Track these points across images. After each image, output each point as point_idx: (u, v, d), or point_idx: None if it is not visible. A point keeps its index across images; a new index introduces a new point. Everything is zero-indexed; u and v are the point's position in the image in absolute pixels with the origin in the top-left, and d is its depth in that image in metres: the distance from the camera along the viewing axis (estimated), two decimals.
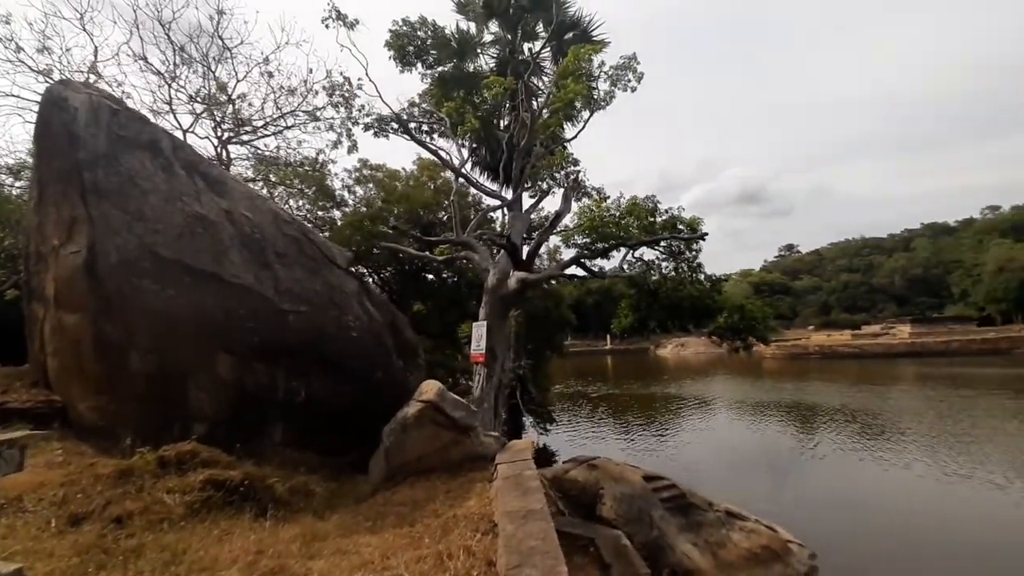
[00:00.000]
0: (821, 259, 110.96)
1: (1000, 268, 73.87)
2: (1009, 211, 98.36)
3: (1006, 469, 12.82)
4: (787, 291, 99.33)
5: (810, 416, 21.26)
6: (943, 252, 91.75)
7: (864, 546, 9.63)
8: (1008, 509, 10.63)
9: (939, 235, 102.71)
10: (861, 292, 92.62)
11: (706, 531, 8.79)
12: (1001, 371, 34.68)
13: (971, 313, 75.39)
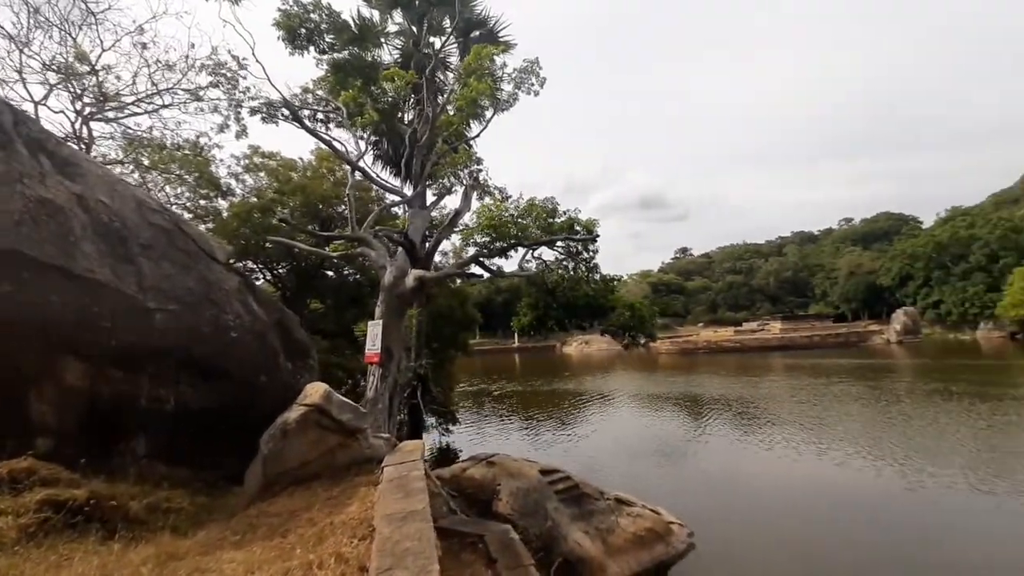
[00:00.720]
0: (711, 261, 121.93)
1: (851, 272, 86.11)
2: (859, 223, 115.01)
3: (846, 447, 14.97)
4: (681, 291, 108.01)
5: (696, 406, 23.28)
6: (808, 257, 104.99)
7: (734, 519, 10.74)
8: (843, 479, 12.43)
9: (805, 242, 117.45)
10: (743, 292, 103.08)
11: (597, 519, 9.30)
12: (850, 361, 40.47)
13: (829, 311, 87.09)
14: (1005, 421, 16.95)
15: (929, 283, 72.95)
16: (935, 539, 9.38)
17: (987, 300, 63.48)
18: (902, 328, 62.17)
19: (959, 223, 77.36)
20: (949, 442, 14.88)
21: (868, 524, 10.08)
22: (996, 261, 66.27)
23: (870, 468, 12.98)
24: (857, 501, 11.22)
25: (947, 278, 70.52)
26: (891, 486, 11.80)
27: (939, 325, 70.30)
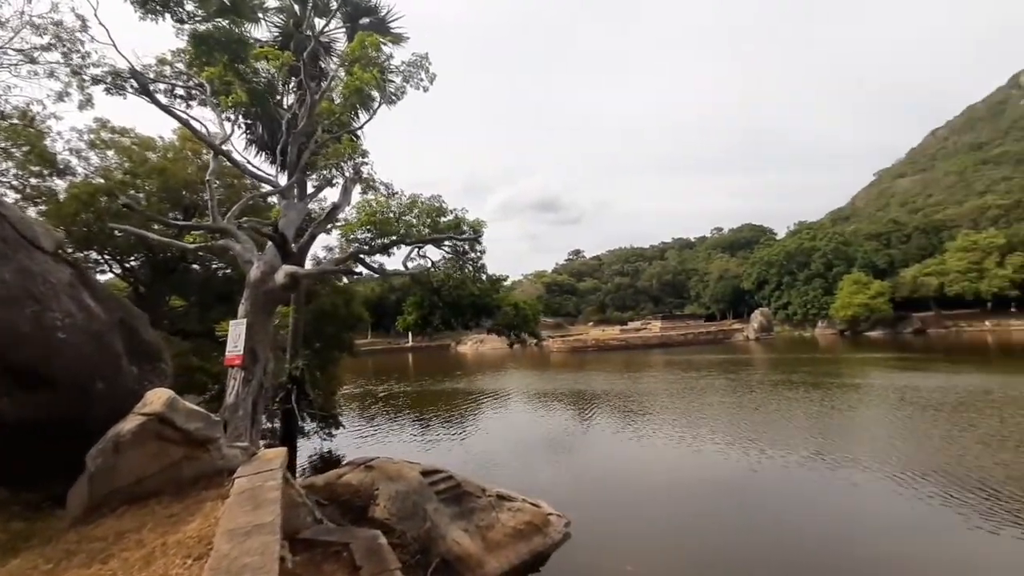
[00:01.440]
0: (601, 264, 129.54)
1: (720, 276, 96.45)
2: (728, 232, 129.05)
3: (710, 434, 16.77)
4: (573, 291, 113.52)
5: (584, 401, 24.60)
6: (686, 262, 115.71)
7: (610, 506, 11.50)
8: (707, 463, 13.91)
9: (684, 248, 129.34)
10: (629, 293, 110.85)
11: (478, 516, 9.46)
12: (716, 356, 45.36)
13: (701, 311, 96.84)
14: (831, 406, 20.10)
15: (780, 287, 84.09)
16: (781, 508, 10.84)
17: (823, 302, 74.71)
18: (759, 326, 71.11)
19: (804, 236, 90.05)
20: (790, 426, 17.25)
21: (728, 500, 11.39)
22: (831, 269, 78.17)
23: (729, 452, 14.63)
24: (718, 481, 12.57)
25: (794, 283, 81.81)
26: (745, 466, 13.41)
27: (787, 324, 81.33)
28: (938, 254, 71.29)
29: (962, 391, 21.35)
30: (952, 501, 10.22)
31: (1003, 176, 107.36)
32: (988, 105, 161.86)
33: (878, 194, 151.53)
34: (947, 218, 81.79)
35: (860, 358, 39.65)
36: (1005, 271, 61.85)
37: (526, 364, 48.24)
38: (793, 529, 9.78)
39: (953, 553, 8.54)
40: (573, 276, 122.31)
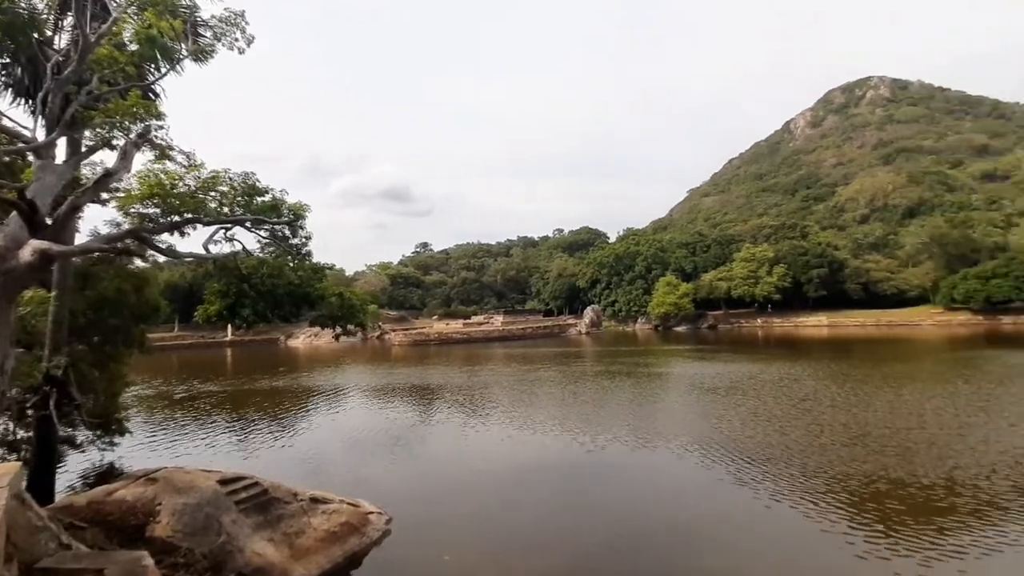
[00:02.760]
0: (448, 257, 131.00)
1: (559, 275, 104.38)
2: (568, 234, 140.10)
3: (535, 422, 18.12)
4: (419, 284, 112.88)
5: (424, 395, 24.66)
6: (530, 259, 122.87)
7: (438, 499, 11.72)
8: (539, 450, 15.02)
9: (528, 246, 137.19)
10: (474, 288, 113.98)
11: (286, 523, 8.93)
12: (551, 349, 49.16)
13: (541, 307, 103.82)
14: (640, 392, 23.25)
15: (610, 286, 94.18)
16: (594, 485, 12.08)
17: (643, 301, 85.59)
18: (589, 322, 78.85)
19: (631, 241, 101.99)
20: (602, 413, 19.46)
21: (548, 483, 12.37)
22: (650, 272, 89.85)
23: (553, 439, 15.94)
24: (541, 466, 13.58)
25: (620, 283, 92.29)
26: (566, 451, 14.75)
27: (614, 319, 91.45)
28: (728, 262, 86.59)
29: (734, 376, 26.38)
30: (724, 465, 12.58)
31: (776, 202, 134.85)
32: (769, 144, 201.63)
33: (689, 208, 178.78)
34: (736, 233, 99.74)
35: (667, 349, 46.46)
36: (772, 279, 77.75)
37: (365, 359, 46.63)
38: (602, 502, 11.04)
39: (723, 506, 10.52)
40: (420, 269, 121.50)
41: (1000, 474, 11.00)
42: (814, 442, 14.13)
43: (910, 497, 10.16)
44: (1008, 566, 7.62)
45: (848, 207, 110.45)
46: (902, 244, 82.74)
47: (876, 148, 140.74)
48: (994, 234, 77.65)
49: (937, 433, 14.40)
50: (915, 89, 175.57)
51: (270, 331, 68.16)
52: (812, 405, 18.70)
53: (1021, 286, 60.88)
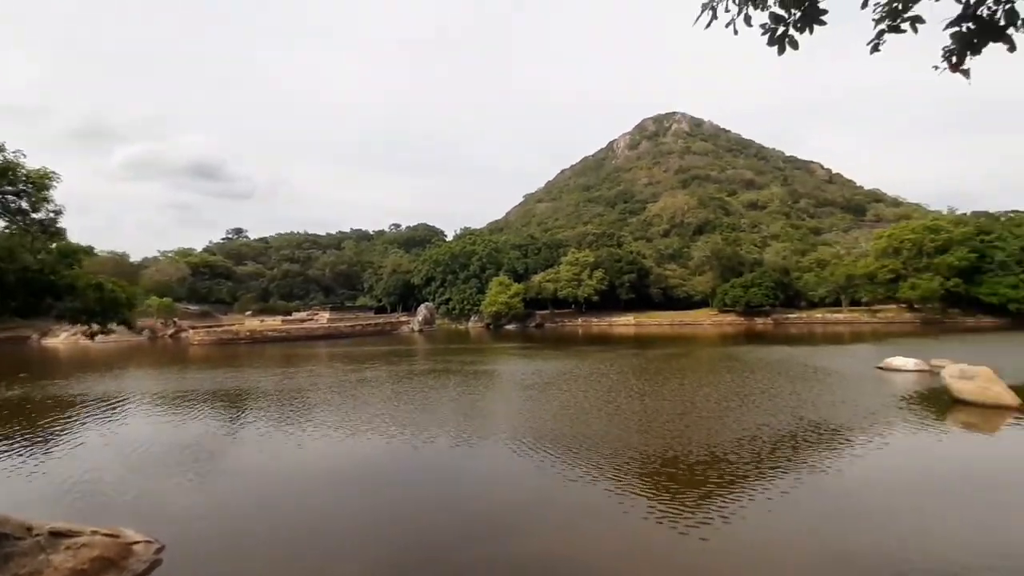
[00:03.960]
0: (268, 247, 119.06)
1: (393, 271, 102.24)
2: (405, 229, 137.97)
3: (356, 426, 17.47)
4: (230, 275, 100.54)
5: (226, 402, 21.93)
6: (363, 254, 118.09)
7: (224, 518, 10.52)
8: (364, 453, 14.41)
9: (362, 240, 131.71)
10: (298, 281, 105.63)
11: (17, 562, 7.29)
12: (381, 348, 47.88)
13: (373, 304, 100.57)
14: (465, 390, 23.92)
15: (445, 284, 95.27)
16: (422, 485, 11.92)
17: (477, 299, 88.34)
18: (423, 319, 78.69)
19: (467, 240, 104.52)
20: (431, 411, 19.58)
21: (377, 485, 11.88)
22: (484, 271, 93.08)
23: (378, 439, 15.44)
24: (366, 470, 13.06)
25: (455, 281, 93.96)
26: (392, 451, 14.40)
27: (448, 317, 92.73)
28: (556, 265, 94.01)
29: (553, 372, 28.80)
30: (537, 454, 13.58)
31: (599, 213, 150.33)
32: (596, 159, 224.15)
33: (524, 212, 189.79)
34: (564, 238, 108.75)
35: (496, 347, 48.68)
36: (592, 282, 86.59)
37: (152, 361, 39.94)
38: (420, 501, 11.04)
39: (534, 491, 11.32)
40: (231, 258, 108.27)
41: (745, 448, 13.82)
42: (612, 430, 16.11)
43: (683, 471, 12.19)
44: (751, 520, 9.57)
45: (654, 222, 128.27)
46: (692, 256, 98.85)
47: (677, 173, 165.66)
48: (754, 252, 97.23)
49: (705, 416, 17.52)
50: (707, 128, 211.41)
51: (17, 327, 54.34)
52: (614, 396, 21.27)
53: (770, 294, 77.51)
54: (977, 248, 71.80)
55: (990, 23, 2.86)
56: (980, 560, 7.88)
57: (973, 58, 2.98)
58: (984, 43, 2.97)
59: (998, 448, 14.48)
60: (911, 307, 74.14)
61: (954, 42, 3.00)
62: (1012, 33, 2.89)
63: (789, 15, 2.93)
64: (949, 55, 3.06)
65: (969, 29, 2.89)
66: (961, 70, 3.07)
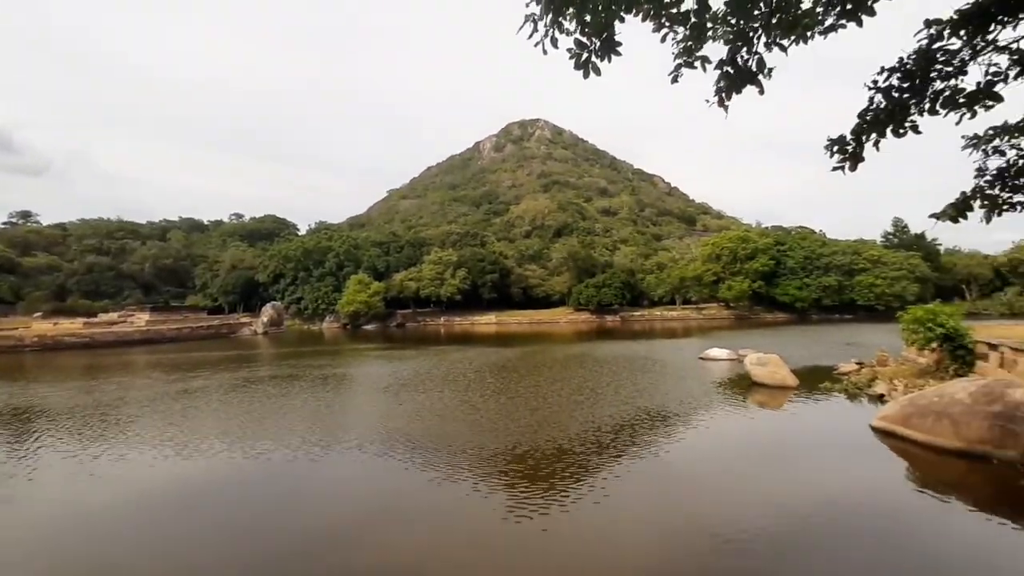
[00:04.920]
0: (66, 235, 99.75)
1: (234, 266, 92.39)
2: (249, 220, 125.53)
3: (205, 440, 15.38)
4: (12, 269, 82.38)
5: (7, 424, 17.86)
6: (195, 246, 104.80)
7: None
8: (202, 472, 12.59)
9: (193, 230, 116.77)
10: (108, 277, 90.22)
11: None
12: (216, 353, 42.84)
13: (207, 303, 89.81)
14: (311, 396, 22.42)
15: (296, 282, 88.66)
16: (269, 500, 10.74)
17: (333, 299, 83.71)
18: (269, 320, 72.26)
19: (323, 235, 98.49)
20: (275, 421, 17.95)
21: (212, 508, 10.45)
22: (342, 269, 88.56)
23: (207, 457, 13.67)
24: (195, 490, 11.45)
25: (309, 279, 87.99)
26: (230, 467, 12.77)
27: (299, 318, 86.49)
28: (419, 264, 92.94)
29: (411, 373, 28.34)
30: (386, 459, 13.16)
31: (464, 212, 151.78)
32: (462, 159, 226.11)
33: (387, 208, 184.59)
34: (428, 237, 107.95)
35: (352, 348, 46.48)
36: (455, 281, 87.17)
37: None
38: (248, 522, 10.06)
39: (387, 499, 10.95)
40: (14, 247, 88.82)
41: (590, 438, 14.88)
42: (466, 430, 16.25)
43: (532, 466, 12.70)
44: (588, 507, 10.29)
45: (517, 223, 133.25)
46: (551, 257, 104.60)
47: (539, 178, 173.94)
48: (606, 254, 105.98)
49: (556, 411, 18.51)
50: (567, 136, 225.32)
51: None
52: (471, 396, 21.53)
53: (618, 294, 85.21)
54: (775, 256, 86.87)
55: (745, 69, 3.48)
56: (774, 509, 9.47)
57: (736, 96, 3.63)
58: (743, 85, 3.60)
59: (781, 421, 17.57)
60: (727, 305, 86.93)
61: (721, 81, 3.59)
62: (761, 79, 3.54)
63: (591, 43, 3.24)
64: (718, 92, 3.66)
65: (729, 73, 3.49)
66: (724, 105, 3.70)
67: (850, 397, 19.60)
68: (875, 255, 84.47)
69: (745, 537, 8.60)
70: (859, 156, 4.36)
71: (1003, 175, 4.78)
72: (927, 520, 9.55)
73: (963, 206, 4.82)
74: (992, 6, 3.74)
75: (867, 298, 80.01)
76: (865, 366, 24.15)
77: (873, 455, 13.09)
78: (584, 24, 3.17)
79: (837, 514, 9.56)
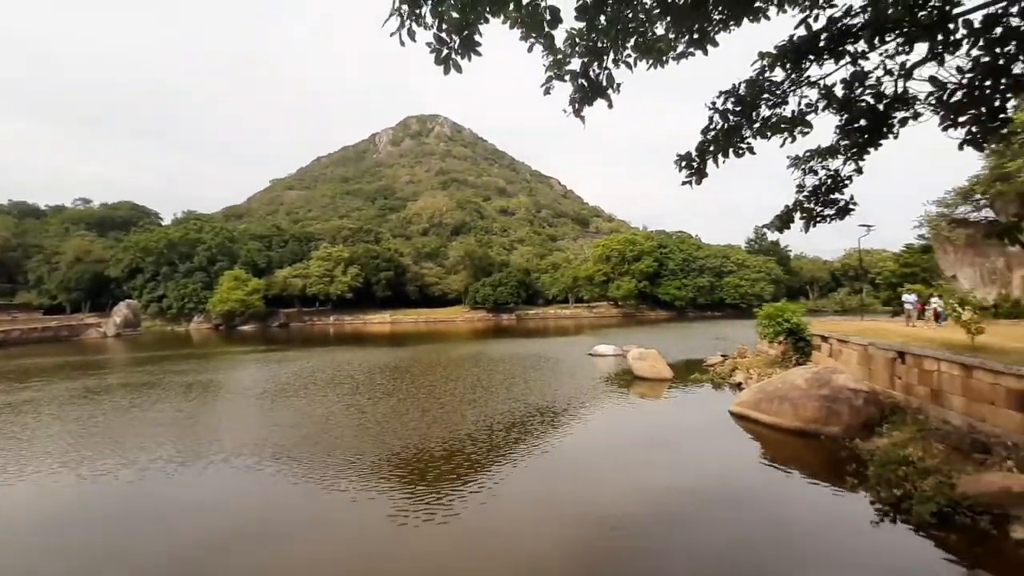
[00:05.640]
0: None
1: (78, 259, 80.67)
2: (99, 207, 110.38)
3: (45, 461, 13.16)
4: None
5: None
6: (28, 235, 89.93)
7: None
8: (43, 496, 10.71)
9: (27, 216, 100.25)
10: None
11: None
12: (52, 360, 37.17)
13: (42, 302, 77.68)
14: (171, 406, 20.32)
15: (158, 278, 79.42)
16: (141, 514, 9.65)
17: (203, 296, 76.30)
18: (122, 321, 64.08)
19: (191, 226, 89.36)
20: (126, 436, 15.96)
21: (70, 530, 9.07)
22: (214, 264, 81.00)
23: (33, 482, 11.88)
24: (42, 516, 9.90)
25: (173, 274, 79.30)
26: (66, 491, 11.19)
27: (161, 318, 77.75)
28: (306, 260, 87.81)
29: (289, 378, 26.77)
30: (256, 473, 12.27)
31: (357, 207, 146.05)
32: (356, 150, 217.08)
33: (270, 199, 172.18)
34: (316, 231, 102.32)
35: (223, 351, 42.72)
36: (346, 278, 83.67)
37: None
38: (92, 553, 8.91)
39: (255, 514, 10.16)
40: None
41: (482, 437, 15.05)
42: (350, 435, 15.67)
43: (422, 467, 12.57)
44: (475, 504, 10.40)
45: (414, 220, 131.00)
46: (448, 256, 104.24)
47: (438, 175, 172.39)
48: (503, 254, 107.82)
49: (449, 411, 18.41)
50: (467, 135, 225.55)
51: None
52: (358, 399, 20.82)
53: (515, 292, 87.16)
54: (658, 258, 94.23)
55: (596, 82, 3.81)
56: (651, 491, 10.30)
57: (590, 107, 3.96)
58: (595, 98, 3.93)
59: (657, 410, 19.12)
60: (616, 304, 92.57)
61: (576, 92, 3.89)
62: (611, 93, 3.89)
63: (451, 40, 3.34)
64: (572, 102, 3.96)
65: (583, 85, 3.79)
66: (580, 116, 4.01)
67: (715, 386, 21.84)
68: (740, 259, 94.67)
69: (626, 520, 9.29)
70: (703, 172, 4.93)
71: (817, 191, 5.63)
72: (772, 489, 10.99)
73: (786, 218, 5.63)
74: (803, 45, 4.43)
75: (733, 297, 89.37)
76: (728, 358, 26.99)
77: (730, 437, 14.75)
78: (443, 21, 3.25)
79: (701, 490, 10.70)
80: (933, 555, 7.91)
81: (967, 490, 8.73)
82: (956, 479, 9.19)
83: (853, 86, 4.82)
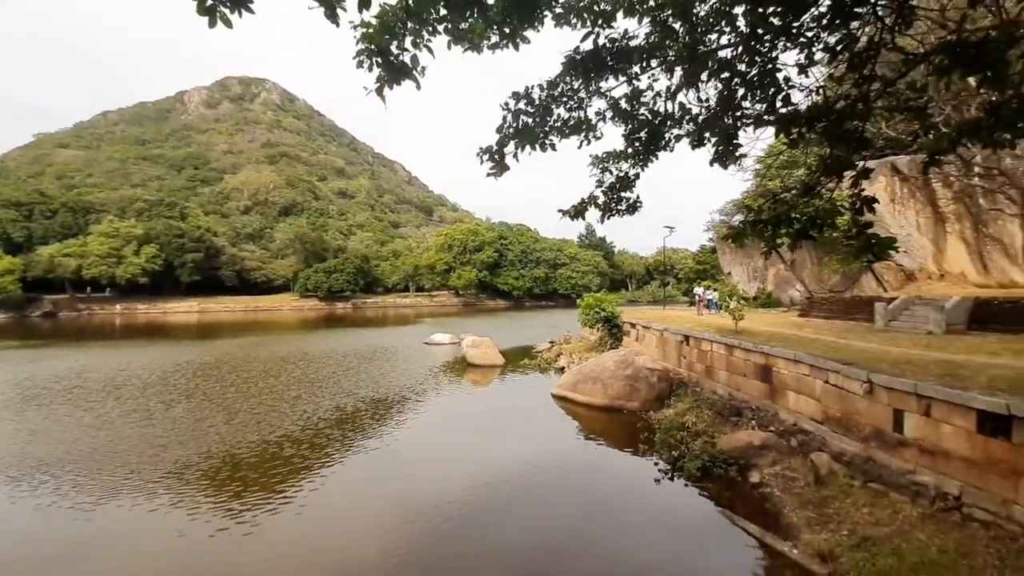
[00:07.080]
0: None
1: None
2: None
3: None
4: None
5: None
6: None
7: None
8: None
9: None
10: None
11: None
12: None
13: None
14: None
15: None
16: None
17: None
18: None
19: None
20: None
21: None
22: None
23: None
24: None
25: None
26: None
27: None
28: (83, 235, 73.56)
29: (42, 382, 22.46)
30: (21, 491, 10.10)
31: (158, 175, 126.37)
32: (157, 109, 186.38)
33: (34, 159, 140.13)
34: (99, 201, 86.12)
35: None
36: (140, 260, 72.12)
37: None
38: None
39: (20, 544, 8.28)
40: None
41: (307, 436, 14.22)
42: (121, 446, 13.68)
43: (225, 474, 11.52)
44: (296, 507, 9.86)
45: (233, 196, 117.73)
46: (275, 238, 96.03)
47: (264, 147, 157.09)
48: (340, 239, 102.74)
49: (264, 411, 16.87)
50: (300, 106, 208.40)
51: None
52: (146, 403, 18.24)
53: (351, 280, 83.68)
54: (499, 249, 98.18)
55: (399, 64, 3.97)
56: (479, 475, 10.77)
57: (394, 88, 4.11)
58: (401, 79, 4.09)
59: (487, 396, 20.10)
60: (457, 293, 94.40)
61: (383, 72, 4.00)
62: (416, 75, 4.10)
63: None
64: (378, 82, 4.06)
65: (390, 64, 3.93)
66: (381, 96, 4.14)
67: (542, 371, 23.61)
68: (572, 252, 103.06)
69: (450, 508, 9.57)
70: (504, 165, 5.39)
71: (612, 188, 6.48)
72: (586, 460, 12.38)
73: (581, 208, 6.42)
74: (588, 59, 5.09)
75: (566, 288, 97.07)
76: (555, 345, 29.35)
77: (552, 417, 16.14)
78: None
79: (524, 467, 11.53)
80: (698, 502, 9.66)
81: (723, 447, 10.82)
82: (717, 439, 11.33)
83: (633, 102, 5.67)
